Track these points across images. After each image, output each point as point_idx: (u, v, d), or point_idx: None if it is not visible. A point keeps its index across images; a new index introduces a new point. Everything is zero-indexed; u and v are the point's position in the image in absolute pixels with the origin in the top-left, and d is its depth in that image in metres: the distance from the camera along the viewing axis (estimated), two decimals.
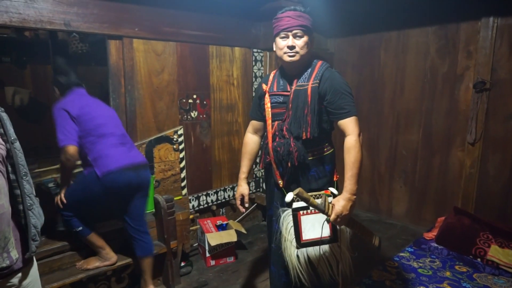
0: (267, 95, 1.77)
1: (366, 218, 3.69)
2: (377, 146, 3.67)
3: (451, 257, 2.73)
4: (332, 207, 1.54)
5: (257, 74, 3.31)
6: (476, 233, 2.69)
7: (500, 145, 2.86)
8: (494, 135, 2.88)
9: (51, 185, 3.18)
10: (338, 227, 1.64)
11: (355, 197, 1.56)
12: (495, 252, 2.55)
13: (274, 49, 1.73)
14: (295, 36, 1.62)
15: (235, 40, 3.08)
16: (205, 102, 2.95)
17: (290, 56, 1.65)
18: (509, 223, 2.80)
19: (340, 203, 1.54)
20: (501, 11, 2.72)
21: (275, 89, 1.77)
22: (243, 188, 1.91)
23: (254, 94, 3.01)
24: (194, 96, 2.87)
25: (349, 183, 1.57)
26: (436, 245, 2.84)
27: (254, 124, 1.94)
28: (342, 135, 1.64)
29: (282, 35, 1.64)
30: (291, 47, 1.62)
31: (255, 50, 3.26)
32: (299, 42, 1.63)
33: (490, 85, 2.83)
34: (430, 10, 3.11)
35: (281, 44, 1.65)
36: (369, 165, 3.76)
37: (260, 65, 3.31)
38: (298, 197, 1.53)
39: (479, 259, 2.60)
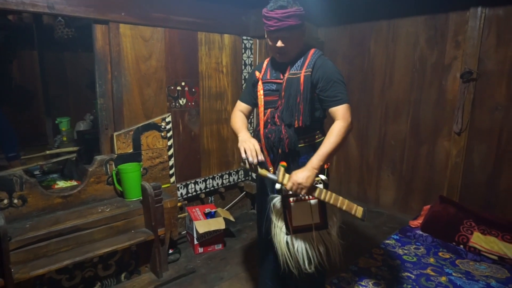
0: (260, 83, 1.76)
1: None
2: (366, 136, 3.69)
3: (435, 244, 2.79)
4: (290, 177, 1.54)
5: (247, 62, 3.28)
6: (460, 221, 2.75)
7: (485, 135, 2.90)
8: (480, 125, 2.92)
9: (37, 172, 3.15)
10: (333, 215, 1.65)
11: (316, 171, 1.53)
12: (478, 239, 2.61)
13: (266, 40, 1.72)
14: (282, 38, 1.60)
15: (225, 27, 3.04)
16: (193, 90, 2.92)
17: (280, 57, 1.68)
18: (492, 212, 2.86)
19: (298, 173, 1.52)
20: (490, 1, 2.73)
21: (268, 77, 1.76)
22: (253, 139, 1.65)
23: (246, 80, 2.99)
24: (183, 83, 2.83)
25: (316, 158, 1.54)
26: (421, 232, 2.89)
27: (241, 106, 1.90)
28: (333, 123, 1.62)
29: (271, 35, 1.63)
30: (280, 49, 1.63)
31: (244, 37, 3.22)
32: (288, 43, 1.62)
33: (477, 76, 2.86)
34: None
35: (270, 43, 1.66)
36: (357, 155, 3.79)
37: (249, 52, 3.29)
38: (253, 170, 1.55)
39: (461, 246, 2.66)
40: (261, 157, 1.57)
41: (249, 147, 1.58)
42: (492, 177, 2.90)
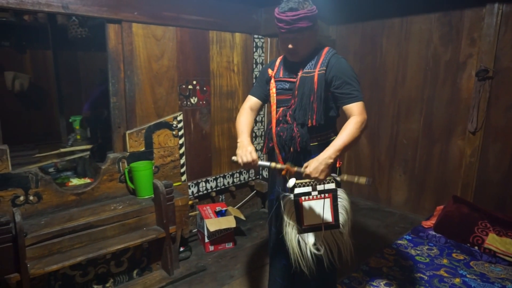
0: (272, 80, 1.75)
1: (365, 206, 3.71)
2: (377, 134, 3.65)
3: (448, 245, 2.74)
4: (308, 163, 1.51)
5: (258, 60, 3.28)
6: (475, 222, 2.70)
7: (501, 134, 2.84)
8: (495, 124, 2.86)
9: (51, 170, 3.20)
10: (344, 215, 1.64)
11: (331, 160, 1.49)
12: (493, 241, 2.56)
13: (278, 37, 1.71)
14: (293, 39, 1.59)
15: (236, 26, 3.04)
16: (205, 89, 2.93)
17: (292, 57, 1.67)
18: (508, 212, 2.80)
19: (316, 158, 1.49)
20: None
21: (281, 75, 1.75)
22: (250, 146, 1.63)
23: (257, 75, 2.97)
24: (194, 82, 2.85)
25: (333, 148, 1.50)
26: (434, 233, 2.85)
27: (252, 101, 1.86)
28: (346, 121, 1.61)
29: (282, 36, 1.62)
30: (290, 50, 1.62)
31: (256, 36, 3.22)
32: (299, 44, 1.61)
33: (493, 74, 2.80)
34: None
35: (283, 43, 1.65)
36: (369, 153, 3.76)
37: (261, 51, 3.28)
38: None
39: (476, 247, 2.61)
40: (255, 157, 1.58)
41: (244, 154, 1.57)
42: (507, 177, 2.84)
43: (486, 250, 2.56)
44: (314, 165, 1.48)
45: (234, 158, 1.63)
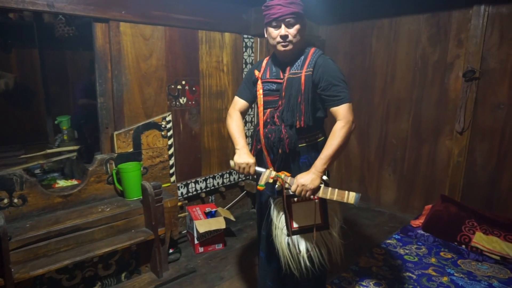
0: (259, 82, 1.74)
1: (355, 205, 3.72)
2: (367, 134, 3.68)
3: (436, 244, 2.77)
4: (295, 180, 1.57)
5: (248, 60, 3.27)
6: (462, 221, 2.73)
7: (487, 134, 2.88)
8: (482, 124, 2.90)
9: (37, 171, 3.14)
10: (335, 215, 1.66)
11: (321, 174, 1.56)
12: (480, 239, 2.60)
13: (266, 37, 1.70)
14: (287, 24, 1.59)
15: (226, 26, 3.02)
16: (194, 89, 2.90)
17: (283, 46, 1.63)
18: (494, 211, 2.85)
19: (304, 176, 1.55)
20: None
21: (267, 76, 1.74)
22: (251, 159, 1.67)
23: (244, 76, 2.98)
24: (183, 82, 2.82)
25: (320, 162, 1.56)
26: (422, 232, 2.88)
27: (240, 103, 1.87)
28: (334, 122, 1.61)
29: (274, 24, 1.60)
30: (284, 37, 1.60)
31: (245, 36, 3.21)
32: (292, 31, 1.60)
33: (479, 74, 2.84)
34: None
35: (274, 33, 1.62)
36: (359, 153, 3.78)
37: (250, 51, 3.27)
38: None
39: (463, 246, 2.65)
40: (253, 171, 1.66)
41: (243, 166, 1.65)
42: (494, 176, 2.88)
43: (473, 248, 2.60)
44: (304, 183, 1.53)
45: (232, 164, 1.69)
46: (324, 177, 1.62)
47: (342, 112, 1.58)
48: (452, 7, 2.94)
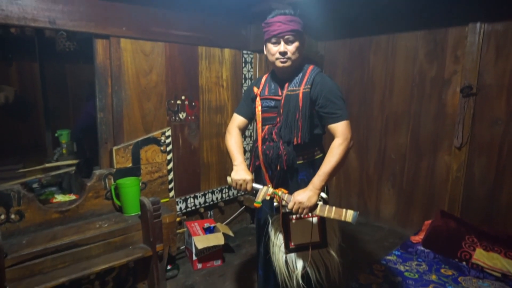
0: (258, 99, 1.76)
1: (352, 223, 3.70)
2: (366, 148, 3.68)
3: (437, 260, 2.75)
4: (292, 197, 1.58)
5: (247, 76, 3.29)
6: (462, 236, 2.72)
7: (485, 149, 2.89)
8: (480, 139, 2.91)
9: (35, 185, 3.12)
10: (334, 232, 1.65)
11: (318, 191, 1.56)
12: (480, 256, 2.58)
13: (265, 53, 1.72)
14: (286, 41, 1.61)
15: (225, 41, 3.06)
16: (193, 104, 2.92)
17: (282, 62, 1.65)
18: (494, 227, 2.83)
19: (301, 193, 1.55)
20: (488, 16, 2.75)
21: (266, 93, 1.76)
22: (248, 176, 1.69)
23: (243, 93, 3.01)
24: (183, 97, 2.84)
25: (318, 179, 1.56)
26: (422, 248, 2.86)
27: (238, 120, 1.88)
28: (332, 139, 1.63)
29: (274, 40, 1.63)
30: (283, 53, 1.62)
31: (245, 51, 3.24)
32: (291, 48, 1.62)
33: (476, 90, 2.86)
34: (420, 14, 3.13)
35: (273, 50, 1.65)
36: (357, 167, 3.78)
37: (249, 67, 3.30)
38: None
39: (464, 262, 2.62)
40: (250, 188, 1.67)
41: (240, 183, 1.67)
42: (493, 191, 2.88)
43: (474, 265, 2.57)
44: (301, 201, 1.54)
45: (229, 180, 1.71)
46: (323, 195, 1.61)
47: (340, 129, 1.59)
48: (449, 24, 2.99)
